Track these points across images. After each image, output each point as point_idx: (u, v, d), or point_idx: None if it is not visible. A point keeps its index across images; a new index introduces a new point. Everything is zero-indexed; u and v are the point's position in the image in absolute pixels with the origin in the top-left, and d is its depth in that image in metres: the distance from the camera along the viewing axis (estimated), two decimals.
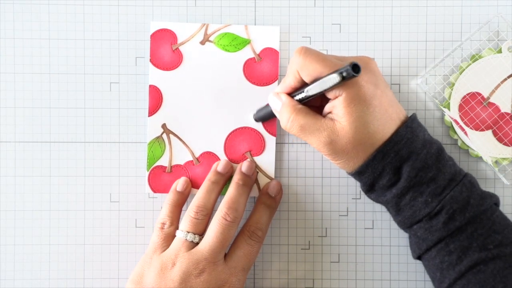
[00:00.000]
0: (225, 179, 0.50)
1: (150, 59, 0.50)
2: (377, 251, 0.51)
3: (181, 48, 0.51)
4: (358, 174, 0.44)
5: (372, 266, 0.51)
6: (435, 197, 0.43)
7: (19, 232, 0.51)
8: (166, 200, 0.49)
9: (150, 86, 0.51)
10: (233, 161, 0.50)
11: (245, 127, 0.51)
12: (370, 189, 0.45)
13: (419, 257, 0.46)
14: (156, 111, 0.51)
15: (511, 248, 0.42)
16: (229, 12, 0.51)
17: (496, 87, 0.50)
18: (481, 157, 0.50)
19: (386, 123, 0.42)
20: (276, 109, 0.46)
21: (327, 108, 0.44)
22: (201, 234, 0.47)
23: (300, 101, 0.45)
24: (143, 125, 0.51)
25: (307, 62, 0.42)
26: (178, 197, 0.49)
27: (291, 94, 0.46)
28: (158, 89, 0.51)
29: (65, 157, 0.51)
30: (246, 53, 0.51)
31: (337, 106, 0.42)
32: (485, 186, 0.51)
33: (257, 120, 0.50)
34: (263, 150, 0.51)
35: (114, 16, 0.51)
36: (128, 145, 0.51)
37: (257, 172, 0.51)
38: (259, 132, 0.51)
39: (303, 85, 0.44)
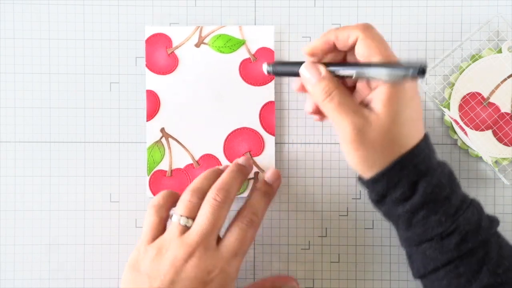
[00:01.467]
0: (222, 170, 0.49)
1: (146, 64, 0.50)
2: (377, 251, 0.51)
3: (176, 51, 0.51)
4: (372, 182, 0.42)
5: (372, 266, 0.51)
6: (449, 217, 0.41)
7: (19, 232, 0.51)
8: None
9: (147, 91, 0.50)
10: (232, 161, 0.50)
11: (243, 128, 0.51)
12: (381, 200, 0.43)
13: (421, 276, 0.44)
14: (154, 115, 0.51)
15: None
16: (229, 12, 0.51)
17: (496, 87, 0.50)
18: (481, 157, 0.50)
19: (416, 132, 0.41)
20: (312, 81, 0.42)
21: (366, 99, 0.42)
22: (195, 218, 0.46)
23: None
24: (143, 125, 0.51)
25: (376, 36, 0.41)
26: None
27: (328, 64, 0.43)
28: (155, 93, 0.51)
29: (65, 157, 0.51)
30: (242, 54, 0.51)
31: (376, 98, 0.41)
32: (485, 186, 0.51)
33: (271, 73, 0.45)
34: (262, 150, 0.51)
35: (114, 16, 0.51)
36: (128, 145, 0.51)
37: (258, 172, 0.51)
38: (257, 132, 0.51)
39: (337, 55, 0.43)
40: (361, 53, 0.41)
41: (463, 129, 0.50)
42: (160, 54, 0.50)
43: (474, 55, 0.50)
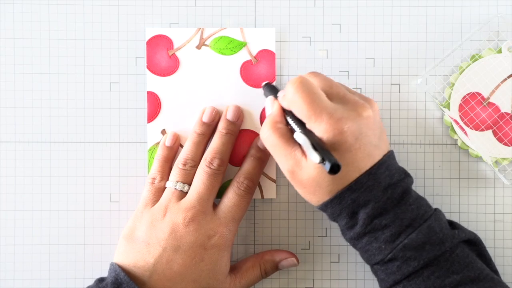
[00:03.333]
0: (212, 128, 0.49)
1: (147, 65, 0.50)
2: None
3: (177, 53, 0.51)
4: (321, 209, 0.44)
5: None
6: (388, 244, 0.42)
7: (19, 232, 0.51)
8: (156, 156, 0.49)
9: (148, 92, 0.50)
10: (234, 164, 0.50)
11: (244, 130, 0.51)
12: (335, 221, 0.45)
13: None
14: (155, 117, 0.51)
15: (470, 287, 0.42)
16: (229, 12, 0.51)
17: (496, 87, 0.50)
18: (481, 157, 0.50)
19: (351, 174, 0.41)
20: (266, 114, 0.46)
21: None
22: (190, 184, 0.47)
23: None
24: (143, 125, 0.51)
25: (296, 98, 0.41)
26: (168, 152, 0.49)
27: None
28: (156, 95, 0.50)
29: (65, 157, 0.51)
30: (243, 56, 0.51)
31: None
32: (485, 186, 0.51)
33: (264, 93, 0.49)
34: None
35: (114, 16, 0.51)
36: (128, 145, 0.51)
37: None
38: (258, 134, 0.51)
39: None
40: (295, 113, 0.42)
41: (463, 129, 0.50)
42: (161, 56, 0.50)
43: (474, 55, 0.50)
